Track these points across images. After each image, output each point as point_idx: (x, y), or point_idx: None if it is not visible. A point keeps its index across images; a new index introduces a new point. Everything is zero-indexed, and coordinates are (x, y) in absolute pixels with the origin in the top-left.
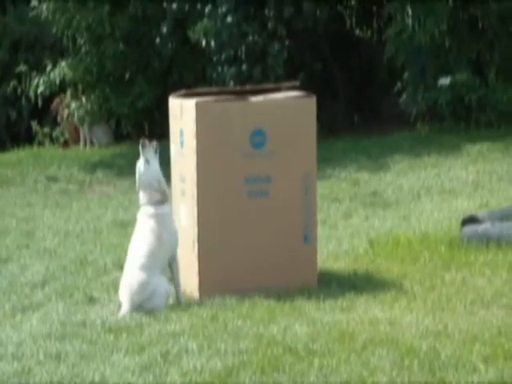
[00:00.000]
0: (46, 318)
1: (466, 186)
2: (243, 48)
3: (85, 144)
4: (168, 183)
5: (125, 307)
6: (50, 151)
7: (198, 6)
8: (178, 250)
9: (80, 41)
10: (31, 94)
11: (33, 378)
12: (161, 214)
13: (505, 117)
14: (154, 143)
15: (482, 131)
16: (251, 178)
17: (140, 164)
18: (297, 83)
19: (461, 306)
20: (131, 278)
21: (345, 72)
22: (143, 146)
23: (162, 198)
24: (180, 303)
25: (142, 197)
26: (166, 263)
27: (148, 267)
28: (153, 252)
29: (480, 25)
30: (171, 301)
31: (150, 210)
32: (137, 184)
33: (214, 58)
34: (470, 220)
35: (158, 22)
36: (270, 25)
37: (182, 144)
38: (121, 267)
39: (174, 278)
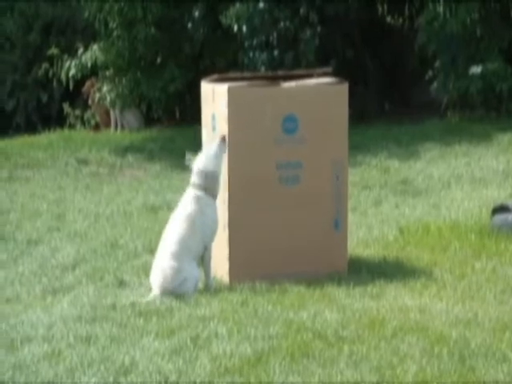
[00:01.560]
0: (77, 301)
1: (497, 175)
2: (275, 34)
3: (115, 127)
4: None
5: (155, 292)
6: (80, 134)
7: None
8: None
9: (112, 25)
10: (63, 76)
11: (63, 360)
12: (202, 202)
13: None
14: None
15: None
16: (282, 164)
17: (211, 148)
18: (329, 69)
19: (491, 294)
20: (163, 264)
21: (376, 59)
22: (223, 141)
23: (210, 190)
24: (209, 290)
25: (194, 178)
26: (198, 251)
27: (179, 255)
28: (185, 240)
29: None
30: (201, 285)
31: (194, 193)
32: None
33: (246, 44)
34: (501, 209)
35: (190, 6)
36: (301, 11)
37: (213, 128)
38: (151, 251)
39: (204, 267)
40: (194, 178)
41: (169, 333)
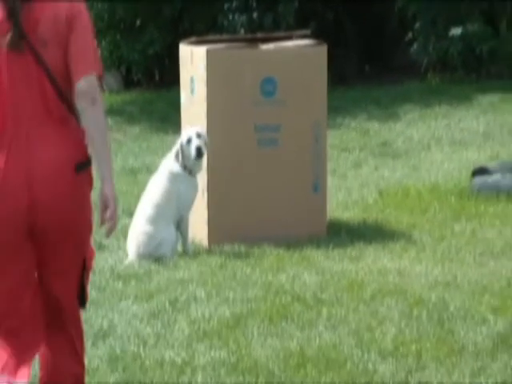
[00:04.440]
0: None
1: (477, 137)
2: None
3: None
4: (178, 130)
5: (131, 257)
6: None
7: None
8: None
9: None
10: None
11: None
12: (177, 176)
13: None
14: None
15: (493, 82)
16: (261, 126)
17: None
18: (308, 32)
19: (470, 257)
20: (138, 229)
21: (356, 21)
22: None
23: (189, 167)
24: (188, 254)
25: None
26: (174, 216)
27: (154, 219)
28: (159, 205)
29: None
30: (180, 248)
31: (171, 166)
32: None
33: (225, 6)
34: (481, 171)
35: None
36: None
37: (192, 91)
38: (130, 214)
39: (181, 233)
40: (178, 154)
41: (147, 296)
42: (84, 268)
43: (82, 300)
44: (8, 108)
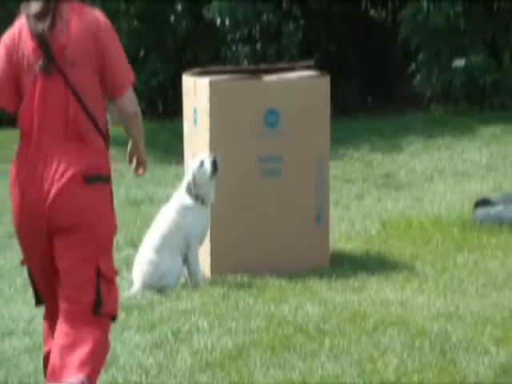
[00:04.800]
0: None
1: (480, 169)
2: (258, 27)
3: None
4: (181, 161)
5: (136, 285)
6: None
7: None
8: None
9: None
10: None
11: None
12: (188, 208)
13: None
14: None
15: (495, 113)
16: (264, 157)
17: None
18: (311, 63)
19: (473, 288)
20: (143, 258)
21: (359, 53)
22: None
23: (202, 198)
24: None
25: (189, 184)
26: (182, 247)
27: (160, 248)
28: (167, 236)
29: (495, 6)
30: (183, 280)
31: (182, 198)
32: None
33: (229, 37)
34: (483, 202)
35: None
36: (284, 4)
37: (195, 122)
38: (133, 245)
39: (191, 266)
40: (190, 185)
41: (150, 327)
42: (99, 274)
43: (96, 307)
44: (35, 126)
